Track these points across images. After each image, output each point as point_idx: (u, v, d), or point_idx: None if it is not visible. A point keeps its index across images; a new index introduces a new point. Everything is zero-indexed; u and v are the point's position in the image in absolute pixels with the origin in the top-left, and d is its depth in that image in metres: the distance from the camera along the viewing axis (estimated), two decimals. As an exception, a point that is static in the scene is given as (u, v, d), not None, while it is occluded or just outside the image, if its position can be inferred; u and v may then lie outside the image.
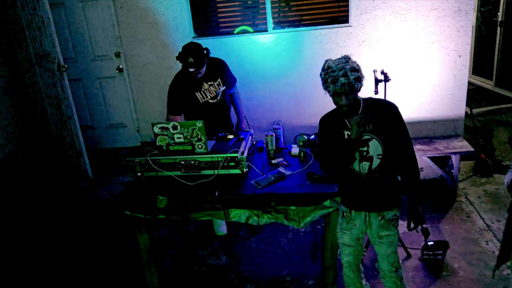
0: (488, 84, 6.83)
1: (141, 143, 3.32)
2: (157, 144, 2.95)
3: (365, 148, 2.32)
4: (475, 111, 5.71)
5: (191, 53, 3.11)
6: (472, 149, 3.93)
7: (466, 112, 5.39)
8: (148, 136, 4.54)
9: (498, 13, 6.47)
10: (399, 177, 2.44)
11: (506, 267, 3.16)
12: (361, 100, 2.32)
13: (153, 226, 3.22)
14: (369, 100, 2.34)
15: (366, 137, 2.29)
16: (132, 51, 4.39)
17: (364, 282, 2.76)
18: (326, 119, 2.43)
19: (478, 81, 7.14)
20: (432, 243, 3.25)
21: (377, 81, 2.98)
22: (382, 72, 2.96)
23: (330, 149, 2.38)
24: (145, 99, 4.55)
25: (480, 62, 7.24)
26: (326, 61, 2.27)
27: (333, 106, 2.31)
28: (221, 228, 3.87)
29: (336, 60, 2.24)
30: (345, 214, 2.52)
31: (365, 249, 3.19)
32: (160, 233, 3.94)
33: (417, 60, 4.02)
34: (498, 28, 6.43)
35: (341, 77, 2.13)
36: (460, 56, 3.97)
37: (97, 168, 4.58)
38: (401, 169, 2.39)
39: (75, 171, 4.50)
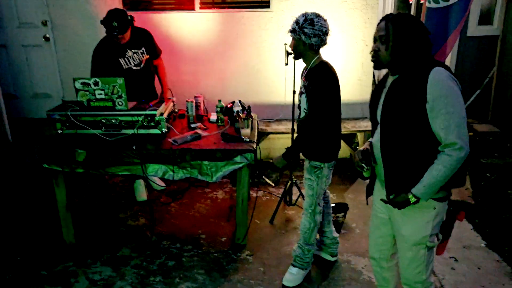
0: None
1: (62, 101, 3.39)
2: (78, 99, 3.07)
3: (299, 98, 2.73)
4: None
5: (115, 18, 3.27)
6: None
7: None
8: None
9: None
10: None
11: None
12: (315, 62, 2.62)
13: (73, 191, 3.31)
14: (321, 64, 2.62)
15: (301, 90, 2.68)
16: (59, 20, 4.42)
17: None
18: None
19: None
20: (334, 205, 3.62)
21: (287, 54, 3.31)
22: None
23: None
24: (71, 70, 4.56)
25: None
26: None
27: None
28: (142, 194, 4.01)
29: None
30: None
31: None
32: (80, 198, 4.00)
33: (330, 46, 4.42)
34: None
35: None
36: (367, 45, 4.44)
37: (20, 136, 4.53)
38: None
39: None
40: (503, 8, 5.17)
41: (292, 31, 2.59)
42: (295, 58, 2.73)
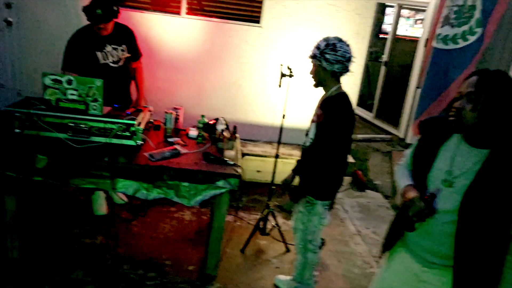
0: (368, 116, 7.59)
1: (26, 97, 2.97)
2: (46, 97, 2.67)
3: (310, 126, 2.56)
4: (355, 136, 6.29)
5: (101, 5, 2.95)
6: (353, 160, 4.29)
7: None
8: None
9: (383, 55, 7.28)
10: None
11: (370, 266, 3.48)
12: (334, 91, 2.44)
13: (23, 195, 2.87)
14: (340, 95, 2.43)
15: (313, 118, 2.51)
16: (27, 5, 3.96)
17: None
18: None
19: (361, 112, 7.88)
20: (310, 239, 3.42)
21: (282, 75, 3.11)
22: (288, 68, 3.10)
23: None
24: (33, 60, 4.09)
25: (363, 95, 8.03)
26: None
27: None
28: (101, 208, 3.61)
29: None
30: None
31: None
32: (31, 206, 3.52)
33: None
34: (385, 67, 7.21)
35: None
36: (353, 74, 4.33)
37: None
38: None
39: None
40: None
41: (313, 56, 2.40)
42: (316, 85, 2.51)
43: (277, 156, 3.38)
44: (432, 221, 1.68)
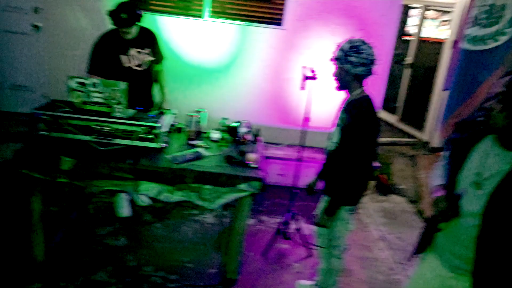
0: (392, 119, 7.46)
1: (51, 99, 3.01)
2: (71, 100, 2.71)
3: (332, 131, 2.51)
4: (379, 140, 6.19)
5: (125, 9, 2.99)
6: (379, 165, 4.21)
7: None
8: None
9: (407, 58, 7.15)
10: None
11: (395, 273, 3.40)
12: (357, 94, 2.36)
13: (48, 197, 2.91)
14: (363, 98, 2.35)
15: (338, 122, 2.44)
16: (55, 10, 4.04)
17: None
18: None
19: (385, 115, 7.76)
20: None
21: (305, 78, 3.08)
22: (312, 70, 3.07)
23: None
24: (60, 64, 4.18)
25: (387, 98, 7.89)
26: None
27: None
28: (124, 210, 3.64)
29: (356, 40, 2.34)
30: None
31: None
32: (56, 207, 3.58)
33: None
34: (409, 70, 7.08)
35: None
36: (378, 76, 4.26)
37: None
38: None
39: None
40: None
41: (336, 59, 2.34)
42: (339, 88, 2.45)
43: (299, 160, 3.34)
44: (460, 224, 1.64)
